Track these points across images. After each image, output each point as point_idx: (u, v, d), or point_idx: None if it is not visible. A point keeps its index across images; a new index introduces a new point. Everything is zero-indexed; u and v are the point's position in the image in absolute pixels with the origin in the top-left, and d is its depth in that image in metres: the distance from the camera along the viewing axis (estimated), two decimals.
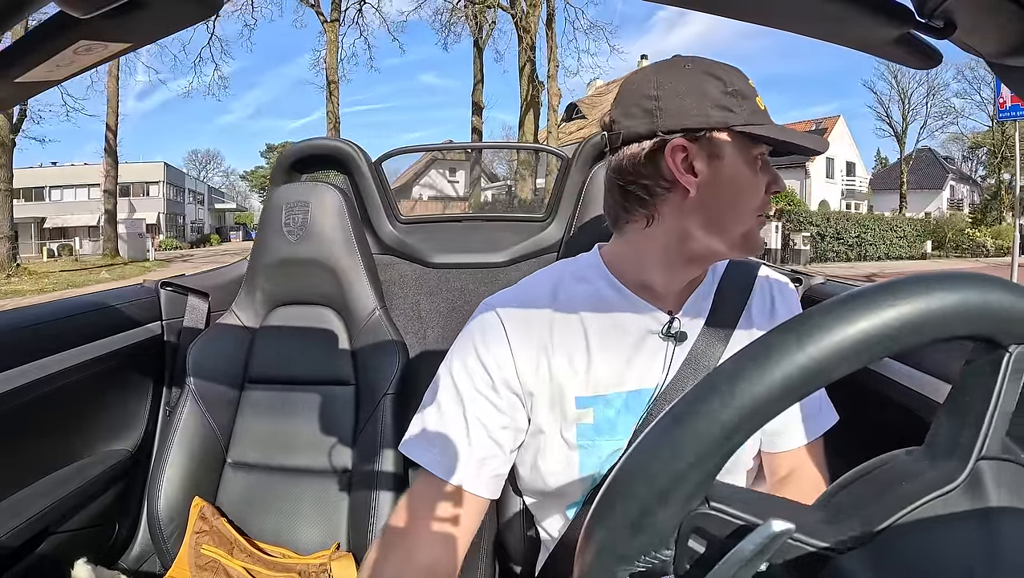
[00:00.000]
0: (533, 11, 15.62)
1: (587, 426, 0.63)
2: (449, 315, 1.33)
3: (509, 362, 0.63)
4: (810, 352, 0.25)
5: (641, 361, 0.63)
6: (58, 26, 0.43)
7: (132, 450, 1.15)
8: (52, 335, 0.98)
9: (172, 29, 0.50)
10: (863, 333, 0.25)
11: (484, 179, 21.32)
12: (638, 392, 0.63)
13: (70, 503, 0.99)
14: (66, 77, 0.51)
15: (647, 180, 0.60)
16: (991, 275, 0.27)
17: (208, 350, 1.10)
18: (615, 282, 0.65)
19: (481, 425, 0.62)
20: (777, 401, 0.25)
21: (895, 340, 0.25)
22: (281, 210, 1.13)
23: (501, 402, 0.63)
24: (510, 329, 0.64)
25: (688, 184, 0.58)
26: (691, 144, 0.58)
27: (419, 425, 0.65)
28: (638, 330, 0.64)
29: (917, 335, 0.25)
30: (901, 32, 0.35)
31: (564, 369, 0.63)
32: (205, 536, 0.96)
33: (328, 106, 16.55)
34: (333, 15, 16.27)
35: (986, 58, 0.36)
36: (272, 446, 1.08)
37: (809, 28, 0.36)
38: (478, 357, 0.63)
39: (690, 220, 0.60)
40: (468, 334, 0.66)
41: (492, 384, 0.63)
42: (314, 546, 1.01)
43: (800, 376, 0.25)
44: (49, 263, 17.02)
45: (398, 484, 0.98)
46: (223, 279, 1.30)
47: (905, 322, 0.25)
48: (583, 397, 0.63)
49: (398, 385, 1.03)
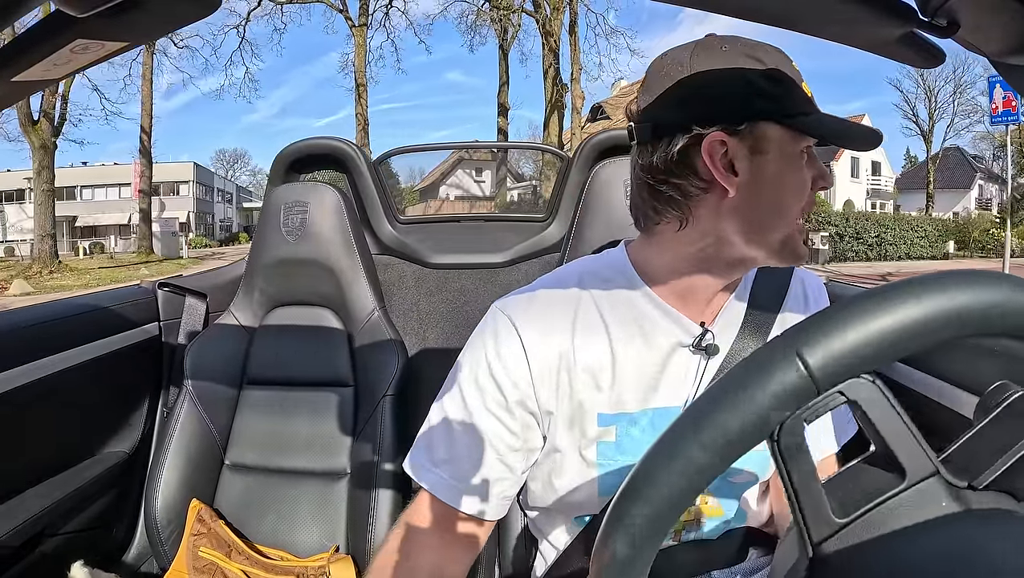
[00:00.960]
0: (556, 15, 15.84)
1: (608, 445, 0.58)
2: (449, 316, 1.32)
3: (526, 379, 0.57)
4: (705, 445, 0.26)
5: (670, 377, 0.58)
6: (55, 25, 0.43)
7: (129, 451, 1.14)
8: (49, 336, 0.97)
9: (169, 28, 0.50)
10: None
11: (510, 179, 21.57)
12: (666, 410, 0.58)
13: (67, 505, 0.98)
14: (63, 76, 0.51)
15: (680, 179, 0.53)
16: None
17: (206, 351, 1.10)
18: (645, 288, 0.59)
19: (492, 447, 0.57)
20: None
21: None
22: (279, 210, 1.13)
23: (515, 424, 0.58)
24: (527, 341, 0.57)
25: (728, 184, 0.51)
26: (730, 138, 0.50)
27: (424, 443, 0.61)
28: (668, 342, 0.58)
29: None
30: (904, 31, 0.35)
31: (587, 385, 0.57)
32: (203, 538, 0.96)
33: (357, 108, 16.96)
34: (361, 20, 16.68)
35: (989, 57, 0.35)
36: (270, 448, 1.07)
37: (813, 27, 0.36)
38: (491, 373, 0.58)
39: (728, 223, 0.53)
40: (480, 343, 0.59)
41: (506, 404, 0.57)
42: (313, 548, 1.00)
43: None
44: (85, 260, 17.52)
45: (398, 486, 0.97)
46: (221, 280, 1.30)
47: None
48: (606, 415, 0.58)
49: (397, 386, 1.03)
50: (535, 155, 20.87)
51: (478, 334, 0.61)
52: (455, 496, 0.58)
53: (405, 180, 25.86)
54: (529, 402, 0.58)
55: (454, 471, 0.58)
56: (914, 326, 0.24)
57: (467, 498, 0.58)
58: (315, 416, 1.07)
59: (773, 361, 0.25)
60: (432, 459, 0.59)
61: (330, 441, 1.06)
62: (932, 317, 0.24)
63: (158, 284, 1.23)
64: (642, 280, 0.59)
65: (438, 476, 0.59)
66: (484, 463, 0.58)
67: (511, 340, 0.58)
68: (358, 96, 16.98)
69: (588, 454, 0.58)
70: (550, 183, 15.91)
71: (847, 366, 0.25)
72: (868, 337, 0.24)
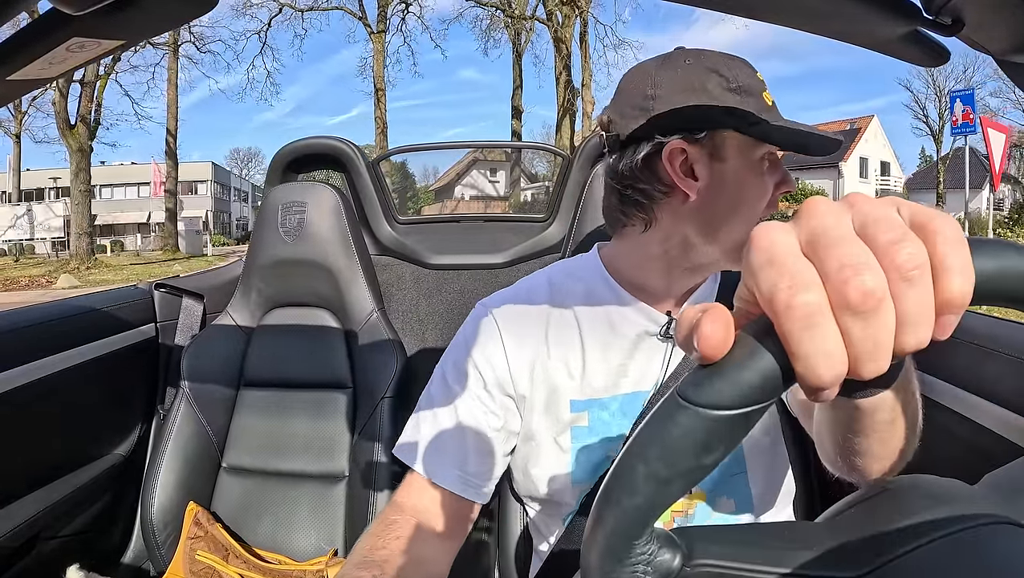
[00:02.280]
0: (568, 22, 16.44)
1: (582, 429, 0.61)
2: (448, 317, 1.32)
3: (503, 364, 0.62)
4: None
5: (638, 363, 0.62)
6: (51, 23, 0.42)
7: (126, 454, 1.13)
8: (44, 337, 0.96)
9: (166, 26, 0.49)
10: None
11: (524, 179, 21.90)
12: (635, 395, 0.61)
13: (62, 508, 0.97)
14: (59, 75, 0.51)
15: (645, 184, 0.58)
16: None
17: (203, 352, 1.09)
18: (612, 283, 0.64)
19: (474, 427, 0.61)
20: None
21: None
22: (277, 210, 1.12)
23: (494, 404, 0.62)
24: (505, 331, 0.63)
25: (688, 188, 0.56)
26: (691, 146, 0.55)
27: (413, 428, 0.65)
28: (635, 331, 0.62)
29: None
30: (908, 29, 0.35)
31: (559, 372, 0.62)
32: (200, 542, 0.95)
33: (376, 112, 17.45)
34: (379, 26, 17.20)
35: (994, 55, 0.35)
36: (268, 450, 1.06)
37: (816, 26, 0.36)
38: (471, 358, 0.63)
39: (689, 225, 0.58)
40: (462, 335, 0.65)
41: (485, 385, 0.62)
42: (311, 552, 1.00)
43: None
44: (113, 257, 18.07)
45: (397, 489, 0.97)
46: (218, 280, 1.29)
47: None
48: (578, 401, 0.62)
49: (396, 388, 1.02)
50: (548, 155, 21.19)
51: (461, 330, 0.67)
52: (437, 474, 0.61)
53: (420, 180, 26.09)
54: (507, 385, 0.62)
55: (438, 450, 0.62)
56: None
57: (449, 477, 0.61)
58: (313, 418, 1.07)
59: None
60: (419, 440, 0.63)
61: (328, 443, 1.05)
62: None
63: (155, 285, 1.22)
64: (612, 277, 0.64)
65: (422, 455, 0.62)
66: (467, 443, 0.61)
67: (490, 330, 0.63)
68: (377, 100, 17.45)
69: (563, 441, 0.62)
70: None
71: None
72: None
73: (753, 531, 0.30)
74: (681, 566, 0.25)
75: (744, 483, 0.63)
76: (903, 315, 0.20)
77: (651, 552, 0.25)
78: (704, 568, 0.26)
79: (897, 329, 0.20)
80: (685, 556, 0.26)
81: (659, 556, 0.25)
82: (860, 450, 0.38)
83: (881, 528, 0.27)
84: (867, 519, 0.28)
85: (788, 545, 0.27)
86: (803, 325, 0.20)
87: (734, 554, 0.26)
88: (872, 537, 0.26)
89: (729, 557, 0.26)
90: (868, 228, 0.21)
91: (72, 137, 13.96)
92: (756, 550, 0.27)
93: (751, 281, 0.22)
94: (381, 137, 17.21)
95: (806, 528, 0.29)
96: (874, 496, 0.29)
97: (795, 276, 0.21)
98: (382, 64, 17.45)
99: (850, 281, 0.20)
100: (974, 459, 0.64)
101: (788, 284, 0.20)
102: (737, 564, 0.26)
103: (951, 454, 0.64)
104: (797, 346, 0.20)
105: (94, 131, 14.74)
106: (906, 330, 0.20)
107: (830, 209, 0.22)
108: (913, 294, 0.20)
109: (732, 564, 0.26)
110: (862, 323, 0.20)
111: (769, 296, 0.21)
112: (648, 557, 0.25)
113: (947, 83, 25.57)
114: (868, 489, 0.30)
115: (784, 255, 0.21)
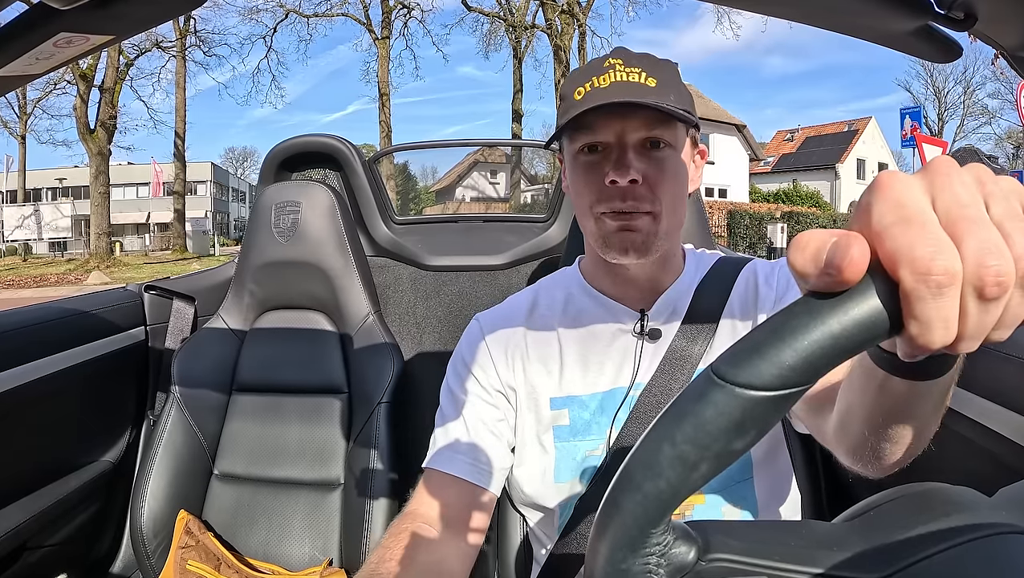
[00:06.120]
0: (567, 29, 16.79)
1: (563, 428, 0.64)
2: (446, 319, 1.30)
3: (490, 366, 0.68)
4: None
5: (614, 361, 0.64)
6: (37, 17, 0.41)
7: (115, 461, 1.11)
8: (30, 341, 0.94)
9: (155, 21, 0.48)
10: None
11: (524, 181, 22.16)
12: (612, 392, 0.64)
13: (49, 517, 0.95)
14: (45, 71, 0.49)
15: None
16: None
17: (194, 356, 1.07)
18: (587, 286, 0.69)
19: (479, 419, 0.66)
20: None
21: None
22: (270, 210, 1.10)
23: (492, 398, 0.67)
24: (489, 338, 0.69)
25: (565, 190, 0.67)
26: (560, 152, 0.66)
27: (432, 440, 0.68)
28: (609, 331, 0.66)
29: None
30: (920, 24, 0.34)
31: (538, 372, 0.66)
32: (191, 551, 0.93)
33: (381, 116, 17.76)
34: (384, 33, 17.50)
35: (1007, 51, 0.35)
36: (261, 457, 1.04)
37: (825, 20, 0.35)
38: (465, 365, 0.69)
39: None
40: (457, 348, 0.72)
41: (480, 384, 0.68)
42: (305, 562, 0.98)
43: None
44: (122, 257, 18.30)
45: (394, 496, 0.95)
46: (210, 282, 1.27)
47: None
48: (557, 398, 0.65)
49: (393, 393, 1.01)
50: (548, 156, 21.38)
51: (458, 343, 0.72)
52: (452, 465, 0.64)
53: (418, 180, 26.00)
54: (496, 383, 0.68)
55: (451, 445, 0.65)
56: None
57: (463, 465, 0.63)
58: (308, 424, 1.05)
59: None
60: (435, 444, 0.67)
61: (323, 450, 1.03)
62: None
63: (144, 287, 1.20)
64: (587, 281, 0.69)
65: (435, 454, 0.65)
66: (475, 434, 0.65)
67: (476, 338, 0.70)
68: (381, 104, 17.73)
69: (546, 441, 0.65)
70: None
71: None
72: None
73: (770, 528, 0.29)
74: (696, 560, 0.24)
75: (750, 490, 0.63)
76: (1007, 309, 0.22)
77: (666, 543, 0.24)
78: (720, 562, 0.25)
79: (997, 320, 0.22)
80: (701, 550, 0.25)
81: (674, 547, 0.24)
82: (893, 437, 0.38)
83: (898, 533, 0.26)
84: (884, 523, 0.28)
85: (805, 544, 0.26)
86: (936, 292, 0.21)
87: (751, 550, 0.25)
88: (889, 541, 0.26)
89: (746, 553, 0.25)
90: (996, 215, 0.22)
91: (92, 141, 14.48)
92: (774, 547, 0.26)
93: (877, 233, 0.22)
94: (386, 141, 17.46)
95: (823, 528, 0.28)
96: (891, 501, 0.29)
97: (939, 243, 0.21)
98: (387, 69, 17.66)
99: (991, 268, 0.21)
100: (989, 465, 0.63)
101: (932, 249, 0.21)
102: (754, 560, 0.25)
103: (966, 460, 0.64)
104: (922, 309, 0.21)
105: (111, 135, 15.20)
106: (1004, 322, 0.22)
107: (963, 181, 0.23)
108: (1019, 295, 0.22)
109: (749, 559, 0.25)
110: (983, 306, 0.21)
111: (908, 255, 0.21)
112: (663, 548, 0.24)
113: (947, 83, 25.90)
114: (885, 494, 0.30)
115: (923, 219, 0.22)
